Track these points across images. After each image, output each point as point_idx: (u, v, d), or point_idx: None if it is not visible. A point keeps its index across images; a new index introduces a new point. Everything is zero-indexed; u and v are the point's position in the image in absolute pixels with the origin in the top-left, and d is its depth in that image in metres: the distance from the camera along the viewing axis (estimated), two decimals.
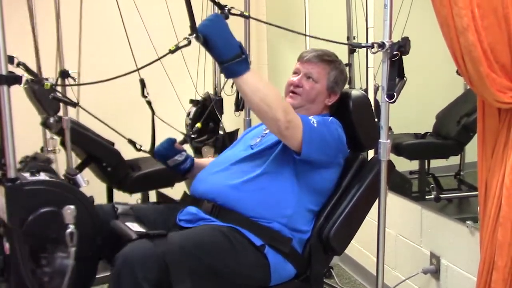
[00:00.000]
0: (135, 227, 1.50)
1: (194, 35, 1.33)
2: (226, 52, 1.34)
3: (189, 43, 1.34)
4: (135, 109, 3.32)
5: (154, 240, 1.37)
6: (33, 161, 1.56)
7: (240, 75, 1.37)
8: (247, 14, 1.44)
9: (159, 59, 1.37)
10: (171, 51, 1.34)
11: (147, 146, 3.21)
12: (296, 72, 1.81)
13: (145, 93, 1.89)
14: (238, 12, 1.40)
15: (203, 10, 3.06)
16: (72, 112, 2.43)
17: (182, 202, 1.79)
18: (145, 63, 1.42)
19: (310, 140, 1.54)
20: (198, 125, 2.37)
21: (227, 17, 1.38)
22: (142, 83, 1.87)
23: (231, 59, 1.34)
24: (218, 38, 1.34)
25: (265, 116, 1.45)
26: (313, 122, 1.59)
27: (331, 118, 1.72)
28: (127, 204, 1.71)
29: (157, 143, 1.88)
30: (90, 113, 1.83)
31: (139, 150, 1.84)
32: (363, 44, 1.54)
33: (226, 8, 1.38)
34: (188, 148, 2.14)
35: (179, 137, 1.95)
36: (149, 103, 1.85)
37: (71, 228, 1.31)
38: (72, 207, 1.32)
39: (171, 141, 1.82)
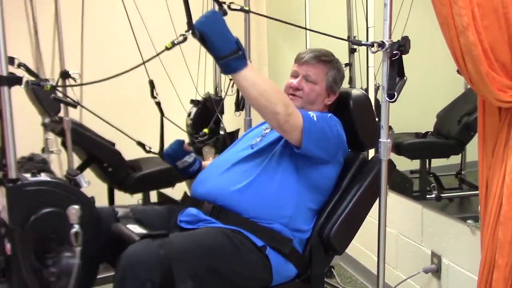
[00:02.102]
0: (137, 229, 1.50)
1: (191, 31, 1.33)
2: (223, 48, 1.35)
3: (185, 39, 1.34)
4: (137, 109, 3.33)
5: (157, 241, 1.37)
6: (29, 162, 1.56)
7: (238, 71, 1.38)
8: (247, 8, 1.46)
9: (156, 55, 1.38)
10: (167, 48, 1.35)
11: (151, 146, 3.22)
12: (294, 75, 1.80)
13: (155, 94, 1.85)
14: (238, 7, 1.40)
15: (203, 7, 3.07)
16: (74, 113, 2.43)
17: (182, 202, 1.80)
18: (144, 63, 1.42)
19: (310, 134, 1.55)
20: (206, 130, 2.36)
21: (225, 14, 1.38)
22: (152, 84, 1.83)
23: (228, 55, 1.35)
24: (215, 35, 1.34)
25: (265, 110, 1.46)
26: (313, 116, 1.60)
27: (329, 114, 1.73)
28: (127, 207, 1.71)
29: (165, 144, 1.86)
30: (93, 112, 1.80)
31: (149, 152, 1.82)
32: (363, 42, 1.54)
33: (225, 4, 1.38)
34: None
35: (185, 138, 1.95)
36: (158, 104, 1.82)
37: (76, 228, 1.32)
38: (76, 207, 1.33)
39: (179, 143, 1.81)
